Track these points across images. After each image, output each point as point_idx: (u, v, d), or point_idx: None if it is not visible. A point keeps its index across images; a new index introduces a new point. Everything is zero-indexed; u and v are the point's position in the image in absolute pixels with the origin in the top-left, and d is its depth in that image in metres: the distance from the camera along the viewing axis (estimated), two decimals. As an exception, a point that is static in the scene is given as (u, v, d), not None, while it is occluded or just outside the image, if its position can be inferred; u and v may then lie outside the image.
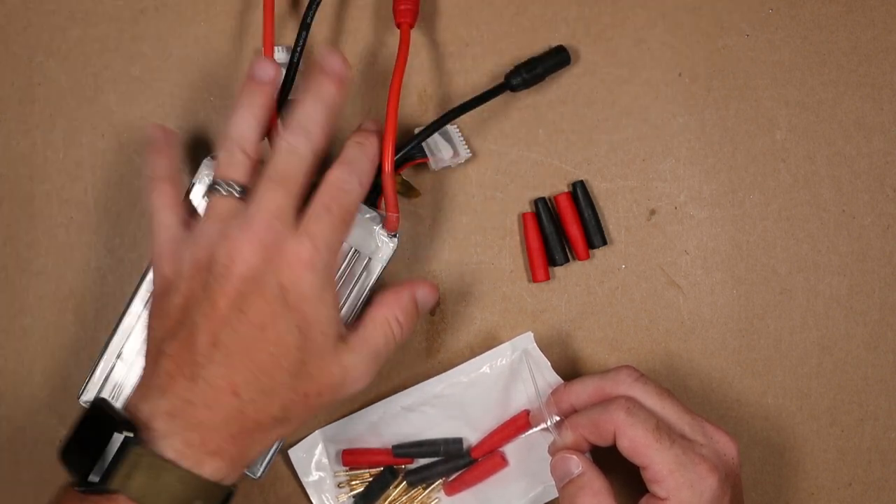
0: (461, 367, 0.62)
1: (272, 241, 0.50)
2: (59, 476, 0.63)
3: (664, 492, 0.54)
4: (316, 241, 0.51)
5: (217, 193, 0.52)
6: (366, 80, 0.63)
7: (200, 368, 0.49)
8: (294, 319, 0.50)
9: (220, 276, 0.50)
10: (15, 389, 0.63)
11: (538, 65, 0.61)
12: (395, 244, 0.58)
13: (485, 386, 0.62)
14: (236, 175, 0.53)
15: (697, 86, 0.64)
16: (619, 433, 0.55)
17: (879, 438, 0.64)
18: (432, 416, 0.62)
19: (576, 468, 0.56)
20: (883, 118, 0.64)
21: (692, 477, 0.53)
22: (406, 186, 0.62)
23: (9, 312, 0.63)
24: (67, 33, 0.63)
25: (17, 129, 0.63)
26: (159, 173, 0.55)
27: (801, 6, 0.64)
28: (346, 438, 0.62)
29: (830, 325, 0.64)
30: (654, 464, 0.54)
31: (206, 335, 0.50)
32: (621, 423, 0.54)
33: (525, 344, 0.62)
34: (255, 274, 0.50)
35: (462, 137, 0.62)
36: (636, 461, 0.55)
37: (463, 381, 0.62)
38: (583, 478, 0.55)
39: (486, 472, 0.62)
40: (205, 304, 0.50)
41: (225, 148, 0.53)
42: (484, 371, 0.62)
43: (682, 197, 0.64)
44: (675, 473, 0.53)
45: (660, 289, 0.64)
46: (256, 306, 0.50)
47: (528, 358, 0.61)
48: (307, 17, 0.59)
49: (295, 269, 0.50)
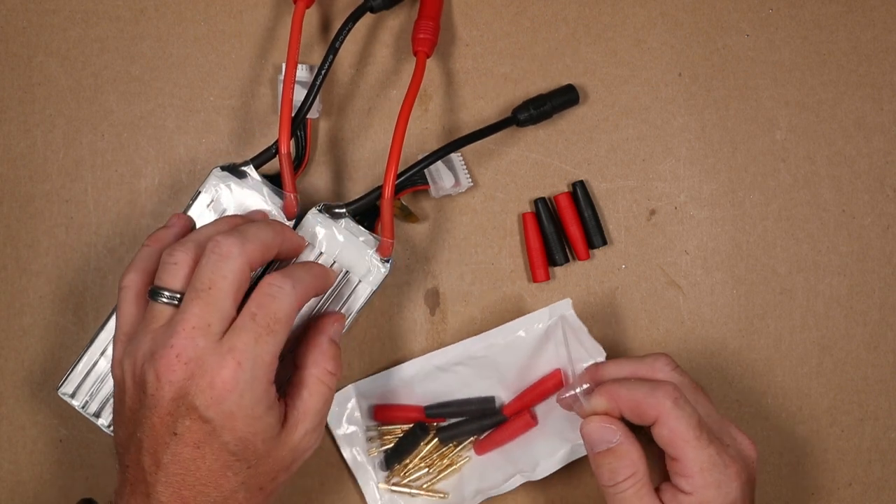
0: (497, 329, 0.62)
1: (194, 358, 0.49)
2: (59, 476, 0.64)
3: (690, 487, 0.53)
4: (239, 356, 0.49)
5: (155, 300, 0.51)
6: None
7: (151, 487, 0.50)
8: (228, 435, 0.49)
9: (152, 397, 0.49)
10: (15, 389, 0.63)
11: (547, 102, 0.62)
12: (387, 269, 0.58)
13: (519, 349, 0.62)
14: (172, 282, 0.51)
15: (697, 86, 0.64)
16: (661, 421, 0.53)
17: (879, 438, 0.64)
18: (465, 376, 0.62)
19: (614, 437, 0.55)
20: (883, 118, 0.64)
21: (721, 478, 0.53)
22: (405, 212, 0.62)
23: (9, 312, 0.63)
24: (67, 33, 0.63)
25: (17, 129, 0.63)
26: (141, 263, 0.54)
27: (801, 6, 0.64)
28: (378, 394, 0.63)
29: (830, 325, 0.64)
30: (687, 460, 0.53)
31: (149, 456, 0.50)
32: (666, 413, 0.53)
33: (563, 310, 0.61)
34: (182, 394, 0.49)
35: (465, 166, 0.62)
36: (669, 451, 0.54)
37: (499, 342, 0.62)
38: (621, 447, 0.54)
39: (516, 432, 0.62)
40: (145, 423, 0.50)
41: (162, 258, 0.53)
42: (520, 334, 0.62)
43: (682, 197, 0.64)
44: (705, 472, 0.53)
45: (660, 289, 0.64)
46: (189, 428, 0.49)
47: (564, 323, 0.61)
48: (336, 42, 0.59)
49: (217, 390, 0.48)
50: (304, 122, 0.61)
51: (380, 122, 0.63)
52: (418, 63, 0.59)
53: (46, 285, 0.63)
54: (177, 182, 0.63)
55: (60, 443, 0.63)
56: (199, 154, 0.63)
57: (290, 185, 0.58)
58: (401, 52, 0.63)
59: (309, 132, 0.62)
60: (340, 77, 0.63)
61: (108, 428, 0.59)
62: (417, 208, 0.63)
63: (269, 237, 0.52)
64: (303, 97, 0.60)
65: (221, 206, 0.58)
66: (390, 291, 0.63)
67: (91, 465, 0.63)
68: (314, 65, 0.62)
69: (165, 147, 0.63)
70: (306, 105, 0.60)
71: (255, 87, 0.63)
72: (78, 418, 0.60)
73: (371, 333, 0.63)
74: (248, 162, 0.59)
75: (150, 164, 0.63)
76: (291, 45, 0.58)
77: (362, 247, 0.58)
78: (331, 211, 0.59)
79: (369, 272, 0.58)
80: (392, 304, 0.63)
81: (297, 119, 0.60)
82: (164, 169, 0.63)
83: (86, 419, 0.59)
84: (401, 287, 0.63)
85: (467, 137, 0.60)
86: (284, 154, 0.57)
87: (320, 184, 0.63)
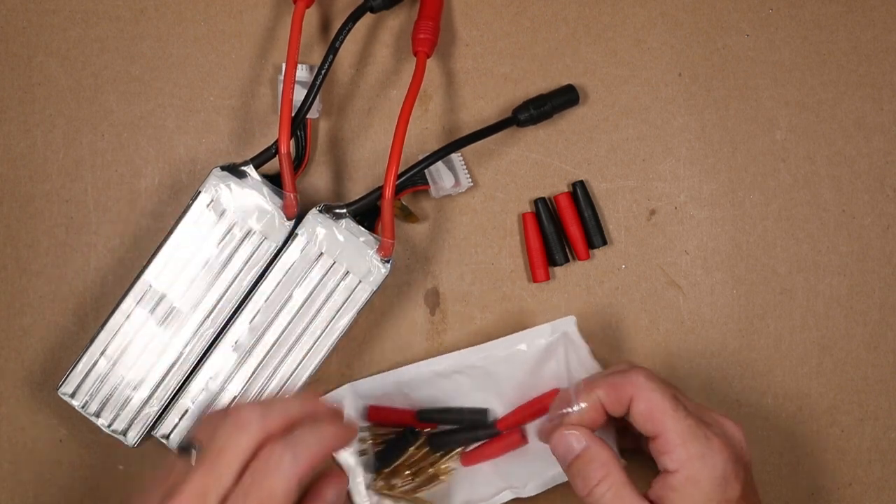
0: (498, 340, 0.62)
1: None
2: (59, 476, 0.64)
3: (675, 463, 0.52)
4: None
5: (188, 452, 0.49)
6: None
7: None
8: None
9: None
10: (15, 389, 0.63)
11: (547, 102, 0.62)
12: (387, 270, 0.58)
13: (519, 362, 0.61)
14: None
15: (697, 86, 0.64)
16: (636, 397, 0.53)
17: (879, 438, 0.64)
18: (462, 385, 0.62)
19: (578, 443, 0.54)
20: (883, 118, 0.64)
21: (704, 450, 0.52)
22: (405, 212, 0.63)
23: (9, 312, 0.63)
24: (67, 33, 0.63)
25: (17, 129, 0.63)
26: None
27: (801, 6, 0.64)
28: (374, 395, 0.62)
29: (830, 325, 0.64)
30: (667, 431, 0.52)
31: None
32: (641, 386, 0.53)
33: (566, 327, 0.61)
34: None
35: (465, 166, 0.62)
36: (649, 428, 0.53)
37: (499, 354, 0.61)
38: (589, 451, 0.54)
39: (505, 448, 0.62)
40: None
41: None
42: (520, 348, 0.61)
43: (682, 197, 0.64)
44: (687, 444, 0.52)
45: (660, 289, 0.64)
46: None
47: (566, 341, 0.61)
48: (336, 42, 0.59)
49: None
50: (304, 122, 0.61)
51: (380, 122, 0.63)
52: (418, 63, 0.59)
53: (46, 285, 0.63)
54: (177, 182, 0.63)
55: (60, 443, 0.63)
56: (199, 154, 0.63)
57: (290, 185, 0.58)
58: (401, 52, 0.63)
59: (309, 132, 0.62)
60: (340, 77, 0.63)
61: (108, 428, 0.59)
62: (417, 208, 0.63)
63: (321, 445, 0.48)
64: (303, 97, 0.60)
65: (221, 206, 0.58)
66: (390, 291, 0.63)
67: (91, 465, 0.63)
68: (314, 65, 0.62)
69: (165, 147, 0.63)
70: (306, 105, 0.60)
71: (255, 87, 0.63)
72: (78, 418, 0.60)
73: (371, 333, 0.63)
74: (248, 162, 0.59)
75: (150, 164, 0.63)
76: (291, 45, 0.58)
77: (362, 247, 0.58)
78: (331, 211, 0.59)
79: (369, 272, 0.58)
80: (392, 304, 0.63)
81: (297, 119, 0.60)
82: (164, 169, 0.63)
83: (86, 419, 0.59)
84: (401, 287, 0.63)
85: (467, 137, 0.60)
86: (284, 154, 0.57)
87: (320, 184, 0.63)
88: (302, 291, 0.59)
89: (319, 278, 0.59)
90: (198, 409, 0.59)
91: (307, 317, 0.59)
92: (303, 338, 0.59)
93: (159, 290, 0.58)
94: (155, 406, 0.59)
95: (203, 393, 0.59)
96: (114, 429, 0.59)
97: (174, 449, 0.59)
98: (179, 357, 0.59)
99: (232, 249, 0.59)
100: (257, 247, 0.59)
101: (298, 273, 0.59)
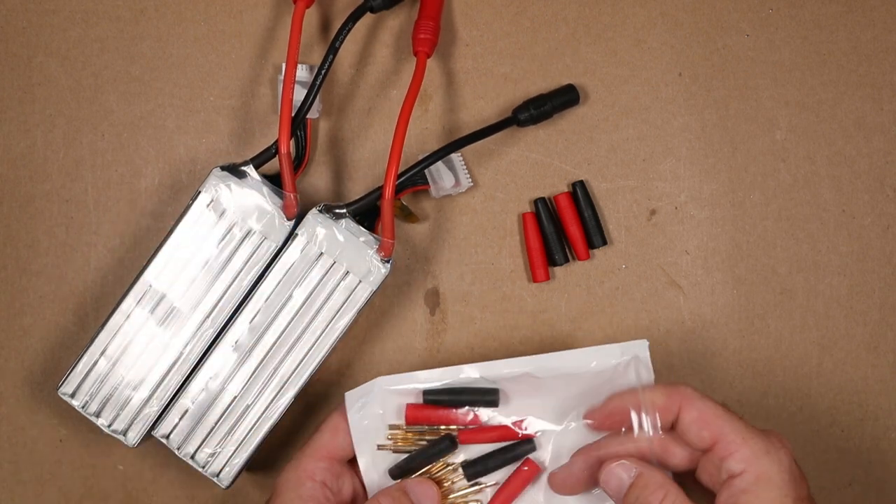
0: (564, 354, 0.58)
1: None
2: (59, 476, 0.64)
3: (741, 463, 0.50)
4: None
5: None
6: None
7: None
8: None
9: None
10: (15, 389, 0.63)
11: (547, 102, 0.62)
12: (387, 270, 0.58)
13: (579, 378, 0.58)
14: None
15: (697, 86, 0.64)
16: (685, 406, 0.52)
17: (879, 438, 0.64)
18: (502, 393, 0.59)
19: (628, 473, 0.52)
20: (883, 118, 0.64)
21: (768, 446, 0.50)
22: (405, 212, 0.63)
23: (9, 312, 0.63)
24: (67, 33, 0.63)
25: (17, 129, 0.63)
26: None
27: (801, 6, 0.64)
28: (404, 391, 0.59)
29: (830, 325, 0.64)
30: (725, 434, 0.50)
31: None
32: (689, 396, 0.52)
33: (637, 350, 0.58)
34: None
35: (465, 166, 0.62)
36: (704, 435, 0.51)
37: (564, 368, 0.58)
38: (642, 477, 0.52)
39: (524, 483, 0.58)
40: None
41: None
42: (592, 366, 0.58)
43: (682, 197, 0.64)
44: (749, 442, 0.50)
45: (660, 289, 0.64)
46: None
47: (637, 363, 0.58)
48: (336, 42, 0.59)
49: None
50: (304, 122, 0.61)
51: (380, 122, 0.63)
52: (418, 63, 0.59)
53: (46, 285, 0.63)
54: (177, 182, 0.63)
55: (60, 443, 0.63)
56: (199, 154, 0.63)
57: (289, 185, 0.58)
58: (401, 52, 0.63)
59: (309, 132, 0.62)
60: (340, 77, 0.63)
61: (108, 428, 0.59)
62: (417, 208, 0.63)
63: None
64: (303, 97, 0.60)
65: (221, 206, 0.58)
66: (390, 291, 0.63)
67: (91, 465, 0.63)
68: (314, 65, 0.62)
69: (165, 147, 0.63)
70: (306, 105, 0.60)
71: (255, 87, 0.63)
72: (78, 418, 0.60)
73: (371, 333, 0.63)
74: (248, 162, 0.59)
75: (150, 164, 0.63)
76: (291, 45, 0.58)
77: (363, 247, 0.58)
78: (331, 211, 0.59)
79: (369, 272, 0.58)
80: (392, 304, 0.63)
81: (297, 119, 0.60)
82: (164, 169, 0.63)
83: (86, 419, 0.59)
84: (401, 287, 0.63)
85: (467, 137, 0.60)
86: (284, 154, 0.58)
87: (320, 184, 0.63)
88: (302, 291, 0.59)
89: (319, 278, 0.59)
90: (198, 409, 0.59)
91: (307, 317, 0.59)
92: (303, 338, 0.59)
93: (159, 290, 0.58)
94: (155, 406, 0.59)
95: (203, 393, 0.59)
96: (114, 429, 0.59)
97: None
98: (179, 357, 0.59)
99: (232, 249, 0.59)
100: (257, 247, 0.59)
101: (298, 273, 0.59)
